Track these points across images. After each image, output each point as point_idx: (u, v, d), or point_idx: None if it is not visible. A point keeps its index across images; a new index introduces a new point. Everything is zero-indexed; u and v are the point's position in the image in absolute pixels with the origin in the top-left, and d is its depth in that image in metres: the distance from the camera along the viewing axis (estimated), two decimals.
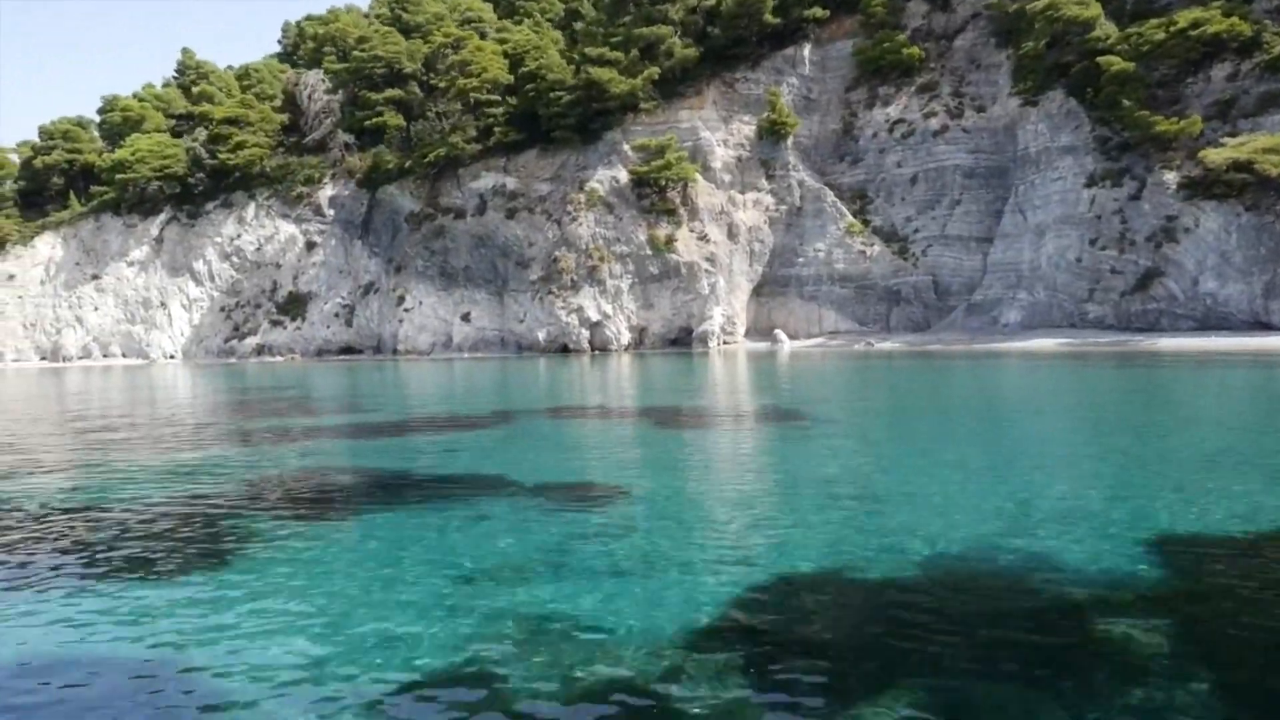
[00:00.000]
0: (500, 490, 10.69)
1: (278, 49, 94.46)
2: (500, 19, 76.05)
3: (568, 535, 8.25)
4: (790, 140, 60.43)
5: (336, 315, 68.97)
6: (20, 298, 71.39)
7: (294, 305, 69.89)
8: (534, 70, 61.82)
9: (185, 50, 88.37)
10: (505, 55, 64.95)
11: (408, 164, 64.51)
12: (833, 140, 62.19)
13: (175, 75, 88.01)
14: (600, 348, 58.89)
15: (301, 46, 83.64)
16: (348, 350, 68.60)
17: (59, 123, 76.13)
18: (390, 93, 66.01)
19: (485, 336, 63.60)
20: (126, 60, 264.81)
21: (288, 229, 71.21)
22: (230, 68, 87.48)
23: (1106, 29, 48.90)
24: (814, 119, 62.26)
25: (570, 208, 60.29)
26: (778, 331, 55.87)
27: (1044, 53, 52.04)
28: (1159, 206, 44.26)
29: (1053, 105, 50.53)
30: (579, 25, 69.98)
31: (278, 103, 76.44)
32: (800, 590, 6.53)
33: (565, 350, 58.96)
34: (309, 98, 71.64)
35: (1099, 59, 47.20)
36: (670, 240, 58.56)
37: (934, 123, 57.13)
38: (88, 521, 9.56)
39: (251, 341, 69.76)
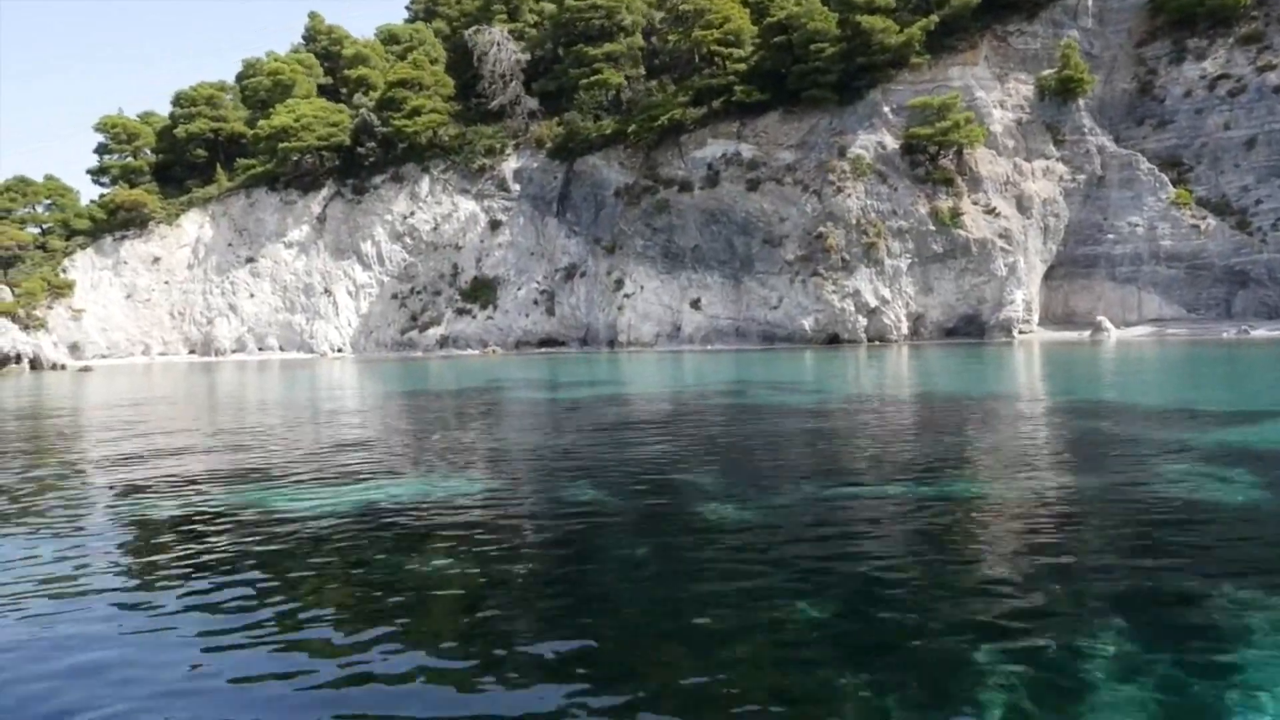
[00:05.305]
0: None
1: (404, 14, 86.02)
2: None
3: None
4: (1081, 101, 52.81)
5: (535, 303, 60.80)
6: (166, 283, 62.99)
7: (481, 291, 61.69)
8: (784, 20, 53.77)
9: (313, 14, 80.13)
10: (744, 3, 56.90)
11: (631, 129, 56.34)
12: (1125, 101, 54.49)
13: (304, 41, 79.70)
14: (876, 337, 50.99)
15: (452, 5, 75.04)
16: (548, 342, 60.40)
17: (200, 87, 67.59)
18: (610, 46, 57.72)
19: (718, 326, 55.57)
20: (212, 37, 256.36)
21: (467, 205, 63.05)
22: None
23: None
24: (1098, 77, 54.47)
25: (832, 177, 52.37)
26: (1101, 319, 48.03)
27: None
28: None
29: None
30: None
31: (439, 67, 68.27)
32: None
33: (834, 341, 51.03)
34: (493, 58, 63.34)
35: None
36: (956, 214, 50.75)
37: (1272, 77, 49.39)
38: None
39: (434, 333, 61.50)
